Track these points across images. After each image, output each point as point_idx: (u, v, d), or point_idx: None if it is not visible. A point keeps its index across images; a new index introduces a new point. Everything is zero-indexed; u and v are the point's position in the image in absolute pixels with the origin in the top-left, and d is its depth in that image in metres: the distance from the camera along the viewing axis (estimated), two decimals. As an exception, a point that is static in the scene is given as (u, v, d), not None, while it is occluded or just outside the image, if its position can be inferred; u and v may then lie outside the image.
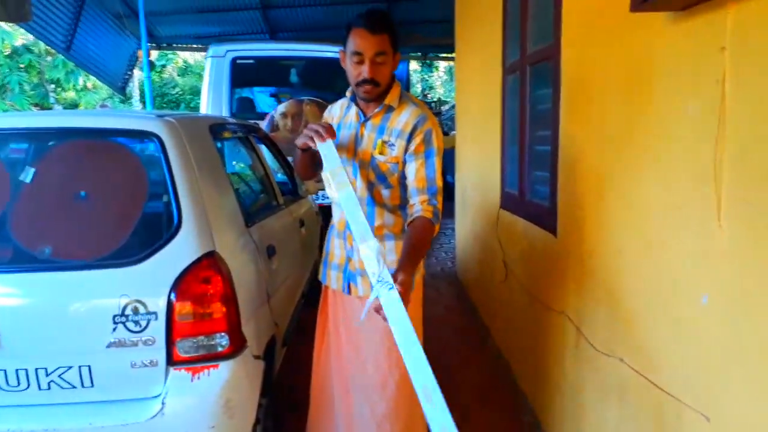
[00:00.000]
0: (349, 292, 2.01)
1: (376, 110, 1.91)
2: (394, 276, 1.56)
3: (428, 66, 20.91)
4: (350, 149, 1.95)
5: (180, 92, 19.35)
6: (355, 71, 1.83)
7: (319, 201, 5.23)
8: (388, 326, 1.98)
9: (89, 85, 15.62)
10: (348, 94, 2.00)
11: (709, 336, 1.35)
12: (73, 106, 15.72)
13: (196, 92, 19.30)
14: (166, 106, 18.09)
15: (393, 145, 1.89)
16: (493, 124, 3.65)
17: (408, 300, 1.57)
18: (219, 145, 2.37)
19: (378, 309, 1.55)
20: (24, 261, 1.76)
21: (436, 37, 10.52)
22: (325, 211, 4.68)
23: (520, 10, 2.98)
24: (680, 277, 1.47)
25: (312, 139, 1.78)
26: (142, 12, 7.09)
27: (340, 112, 2.03)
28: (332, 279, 2.06)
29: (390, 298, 1.51)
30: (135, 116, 2.03)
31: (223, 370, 1.80)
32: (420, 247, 1.79)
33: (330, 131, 1.81)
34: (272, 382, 2.31)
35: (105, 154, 1.94)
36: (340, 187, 1.71)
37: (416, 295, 2.02)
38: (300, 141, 1.86)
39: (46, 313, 1.73)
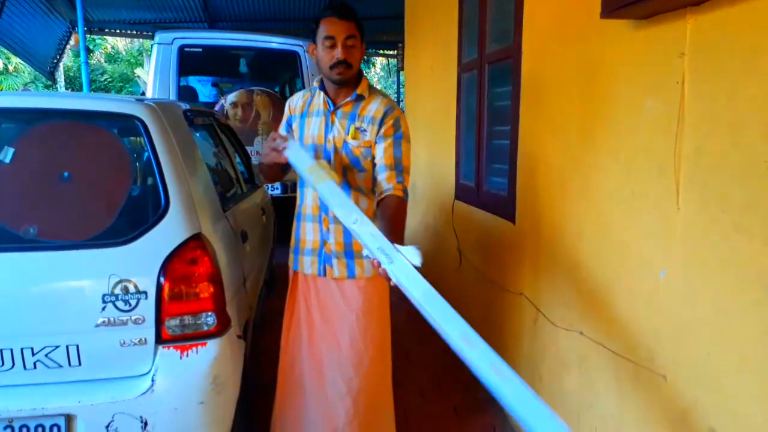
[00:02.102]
0: (325, 274, 2.09)
1: (348, 99, 2.02)
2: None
3: (365, 62, 21.02)
4: (320, 135, 2.04)
5: (109, 79, 18.51)
6: (327, 56, 1.93)
7: (271, 192, 5.26)
8: (363, 306, 2.10)
9: (10, 68, 14.73)
10: (315, 84, 2.09)
11: (665, 306, 1.55)
12: (-9, 89, 14.78)
13: (125, 80, 18.54)
14: (93, 94, 17.26)
15: (365, 130, 2.01)
16: (447, 120, 3.81)
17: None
18: (192, 130, 2.39)
19: (377, 267, 1.59)
20: (8, 240, 1.74)
21: (376, 33, 10.69)
22: (276, 203, 4.73)
23: (478, 12, 3.14)
24: (640, 256, 1.66)
25: (279, 153, 1.88)
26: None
27: (303, 102, 2.12)
28: (305, 264, 2.12)
29: (399, 266, 1.55)
30: (116, 100, 2.03)
31: (211, 348, 1.85)
32: (400, 224, 1.90)
33: (282, 137, 1.93)
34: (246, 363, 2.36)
35: (87, 135, 1.93)
36: (318, 180, 1.78)
37: (383, 289, 2.13)
38: (269, 159, 1.93)
39: (32, 293, 1.72)
